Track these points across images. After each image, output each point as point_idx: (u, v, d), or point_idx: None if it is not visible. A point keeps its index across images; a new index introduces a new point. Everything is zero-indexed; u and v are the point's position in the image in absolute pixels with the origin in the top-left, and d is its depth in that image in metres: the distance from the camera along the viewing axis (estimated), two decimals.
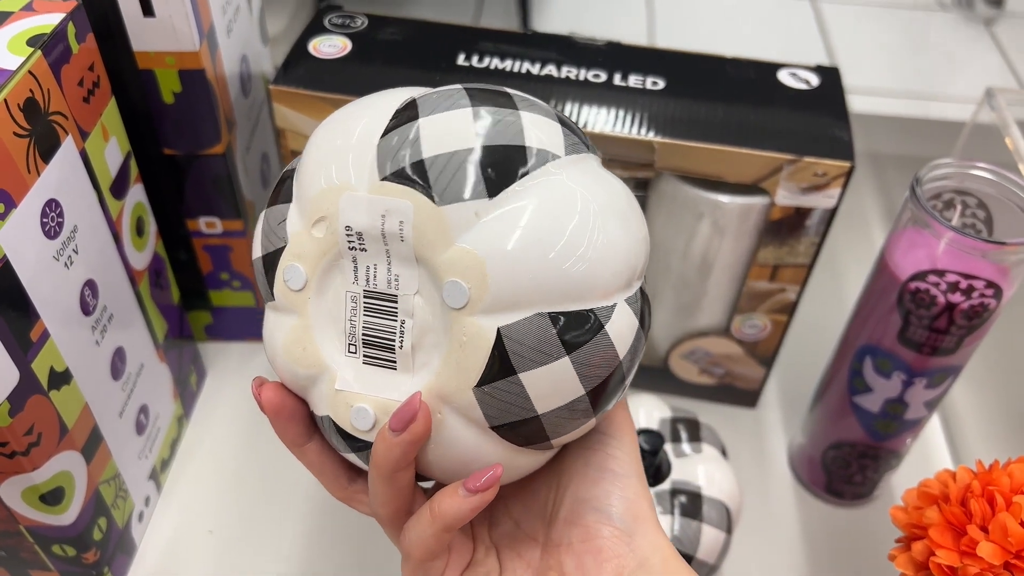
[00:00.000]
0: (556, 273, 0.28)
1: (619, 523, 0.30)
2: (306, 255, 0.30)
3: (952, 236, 0.41)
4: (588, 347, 0.29)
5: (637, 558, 0.30)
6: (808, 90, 0.50)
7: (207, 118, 0.49)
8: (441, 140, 0.29)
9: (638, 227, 0.31)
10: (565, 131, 0.31)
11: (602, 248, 0.29)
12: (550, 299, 0.28)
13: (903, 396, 0.47)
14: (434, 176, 0.28)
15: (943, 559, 0.35)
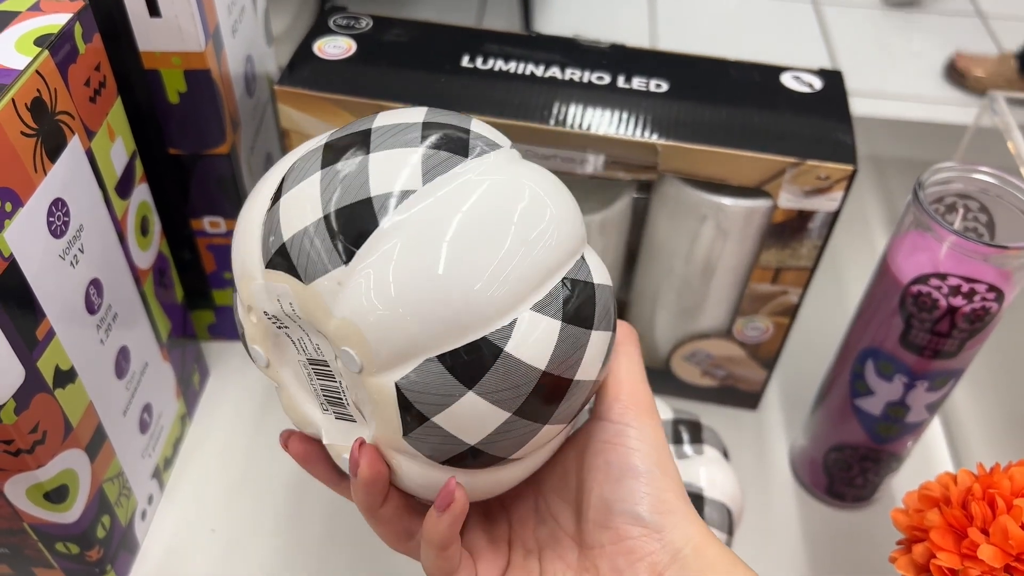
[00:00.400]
0: (430, 317, 0.28)
1: (647, 521, 0.30)
2: (257, 338, 0.33)
3: (954, 240, 0.41)
4: (490, 375, 0.28)
5: (669, 552, 0.30)
6: (811, 93, 0.50)
7: (212, 118, 0.49)
8: (293, 220, 0.29)
9: (531, 224, 0.29)
10: (428, 152, 0.30)
11: (476, 273, 0.28)
12: (434, 342, 0.28)
13: (905, 399, 0.47)
14: (295, 257, 0.29)
15: (944, 561, 0.35)
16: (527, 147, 0.48)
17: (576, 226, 0.31)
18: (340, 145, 0.30)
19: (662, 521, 0.30)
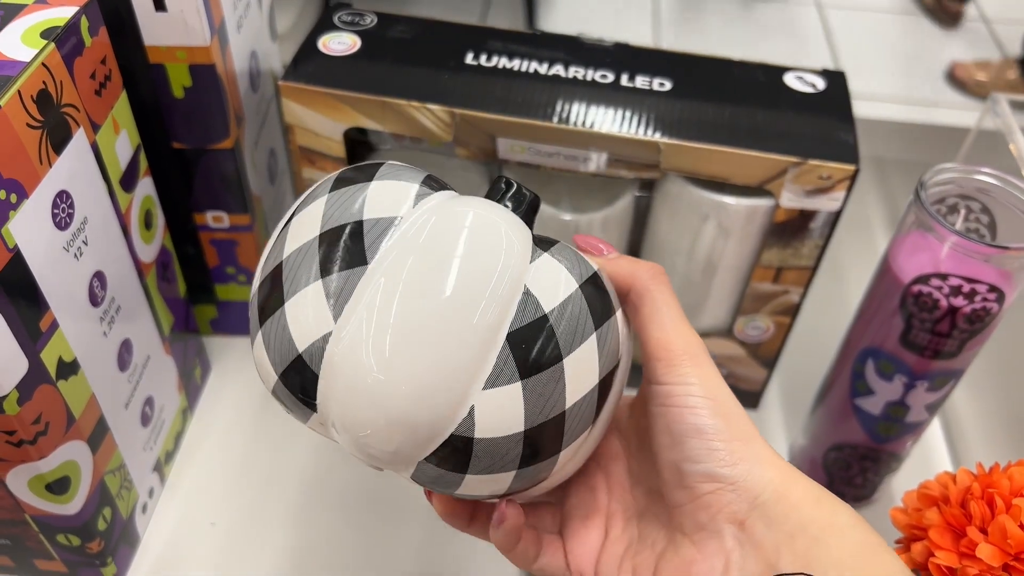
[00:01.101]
0: (399, 435, 0.29)
1: (718, 475, 0.30)
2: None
3: (956, 240, 0.41)
4: (476, 460, 0.29)
5: (747, 500, 0.29)
6: (814, 94, 0.50)
7: (216, 113, 0.50)
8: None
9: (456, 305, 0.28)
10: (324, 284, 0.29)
11: (418, 384, 0.28)
12: (417, 450, 0.29)
13: (905, 399, 0.48)
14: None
15: (942, 560, 0.35)
16: (530, 144, 0.48)
17: (508, 264, 0.29)
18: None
19: (733, 473, 0.29)
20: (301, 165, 0.52)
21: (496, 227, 0.30)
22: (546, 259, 0.30)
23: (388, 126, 0.49)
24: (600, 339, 0.30)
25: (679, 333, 0.31)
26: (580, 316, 0.29)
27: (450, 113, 0.48)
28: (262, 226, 0.59)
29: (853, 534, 0.29)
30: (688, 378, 0.30)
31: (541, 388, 0.28)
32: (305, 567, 0.51)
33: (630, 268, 0.33)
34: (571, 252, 0.31)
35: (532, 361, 0.28)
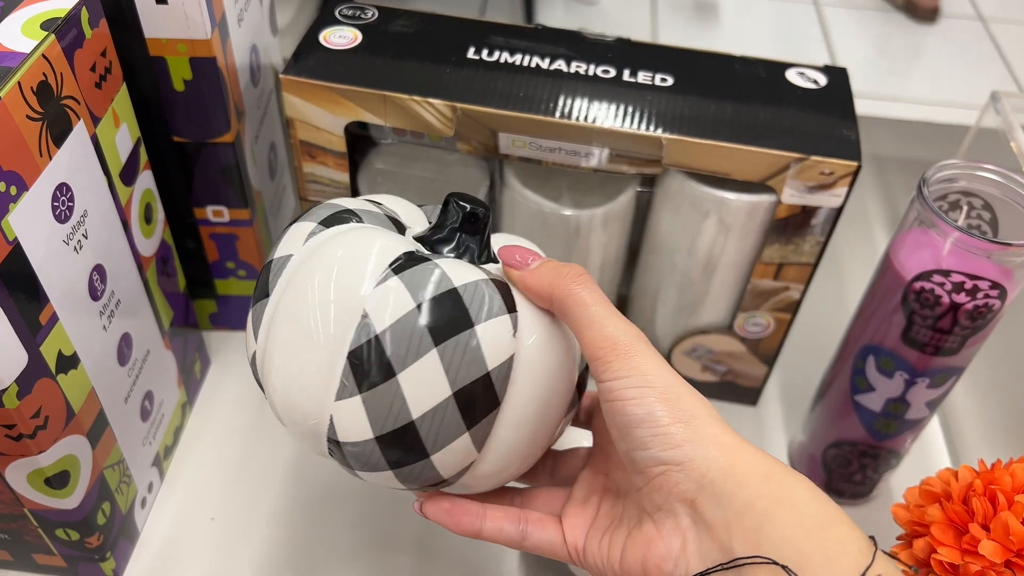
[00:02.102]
0: (301, 441, 0.36)
1: (663, 459, 0.30)
2: None
3: (958, 236, 0.41)
4: (351, 461, 0.34)
5: (694, 480, 0.30)
6: (816, 89, 0.50)
7: (217, 106, 0.49)
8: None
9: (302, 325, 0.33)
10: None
11: (294, 397, 0.34)
12: (319, 449, 0.35)
13: (905, 396, 0.48)
14: None
15: (945, 556, 0.35)
16: (532, 139, 0.48)
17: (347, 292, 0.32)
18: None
19: (676, 455, 0.30)
20: (302, 159, 0.52)
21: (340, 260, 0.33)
22: (392, 283, 0.32)
23: (389, 120, 0.49)
24: (446, 353, 0.31)
25: (609, 329, 0.31)
26: (414, 335, 0.31)
27: (452, 108, 0.47)
28: (262, 221, 0.59)
29: (805, 508, 0.29)
30: (622, 372, 0.31)
31: (379, 401, 0.32)
32: (304, 561, 0.51)
33: (550, 276, 0.33)
34: (426, 272, 0.33)
35: (367, 377, 0.32)
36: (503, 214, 0.55)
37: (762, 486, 0.29)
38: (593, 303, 0.32)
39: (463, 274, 0.33)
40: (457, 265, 0.33)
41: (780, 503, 0.29)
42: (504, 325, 0.32)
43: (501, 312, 0.33)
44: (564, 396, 0.35)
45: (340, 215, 0.36)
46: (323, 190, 0.54)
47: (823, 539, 0.28)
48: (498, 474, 0.35)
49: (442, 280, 0.32)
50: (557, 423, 0.36)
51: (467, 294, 0.32)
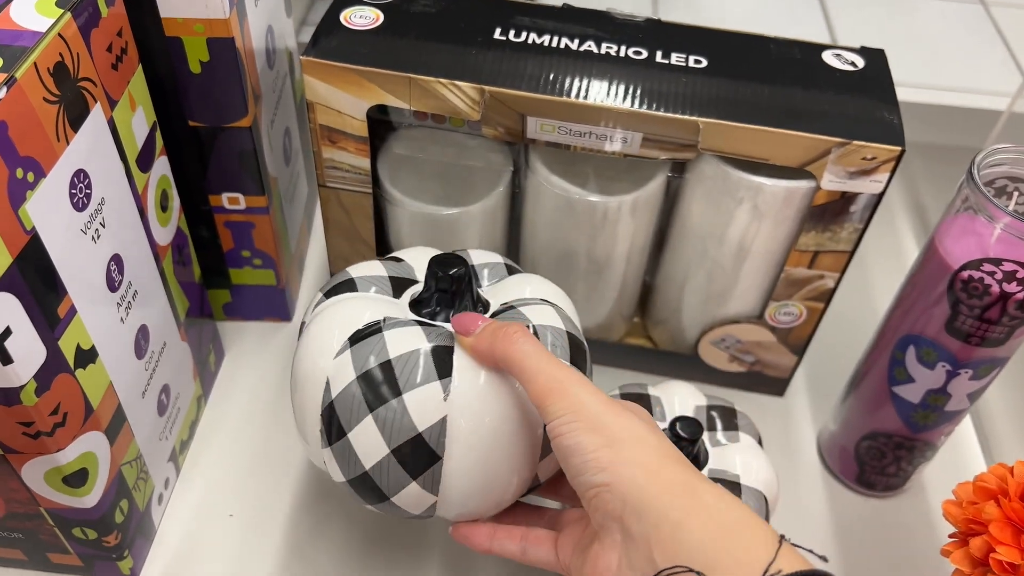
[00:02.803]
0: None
1: (593, 483, 0.33)
2: None
3: (1009, 221, 0.40)
4: (351, 497, 0.40)
5: (619, 498, 0.33)
6: (854, 71, 0.48)
7: (234, 90, 0.48)
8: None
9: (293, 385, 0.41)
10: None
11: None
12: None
13: (946, 387, 0.46)
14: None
15: (1004, 556, 0.34)
16: (561, 123, 0.46)
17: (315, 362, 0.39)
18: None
19: (603, 477, 0.33)
20: (322, 145, 0.50)
21: (317, 333, 0.39)
22: (344, 356, 0.38)
23: (414, 104, 0.47)
24: (379, 418, 0.36)
25: (544, 376, 0.34)
26: (354, 402, 0.37)
27: (480, 91, 0.46)
28: (279, 208, 0.57)
29: (716, 515, 0.31)
30: (557, 412, 0.34)
31: (340, 453, 0.38)
32: (324, 554, 0.50)
33: (491, 339, 0.36)
34: (370, 345, 0.37)
35: (330, 434, 0.38)
36: (527, 201, 0.54)
37: (676, 499, 0.32)
38: (528, 356, 0.35)
39: (405, 343, 0.37)
40: (405, 334, 0.38)
41: (692, 513, 0.31)
42: (433, 391, 0.37)
43: (430, 379, 0.37)
44: (519, 445, 0.38)
45: (339, 286, 0.42)
46: (343, 176, 0.52)
47: (732, 542, 0.31)
48: (467, 512, 0.40)
49: (380, 352, 0.37)
50: (518, 468, 0.38)
51: (399, 364, 0.37)
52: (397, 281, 0.43)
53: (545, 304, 0.42)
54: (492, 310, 0.42)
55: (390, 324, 0.38)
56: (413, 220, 0.54)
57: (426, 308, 0.40)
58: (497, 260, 0.46)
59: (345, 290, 0.42)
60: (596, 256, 0.54)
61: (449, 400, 0.37)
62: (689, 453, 0.44)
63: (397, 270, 0.44)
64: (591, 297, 0.57)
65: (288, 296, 0.61)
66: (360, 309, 0.39)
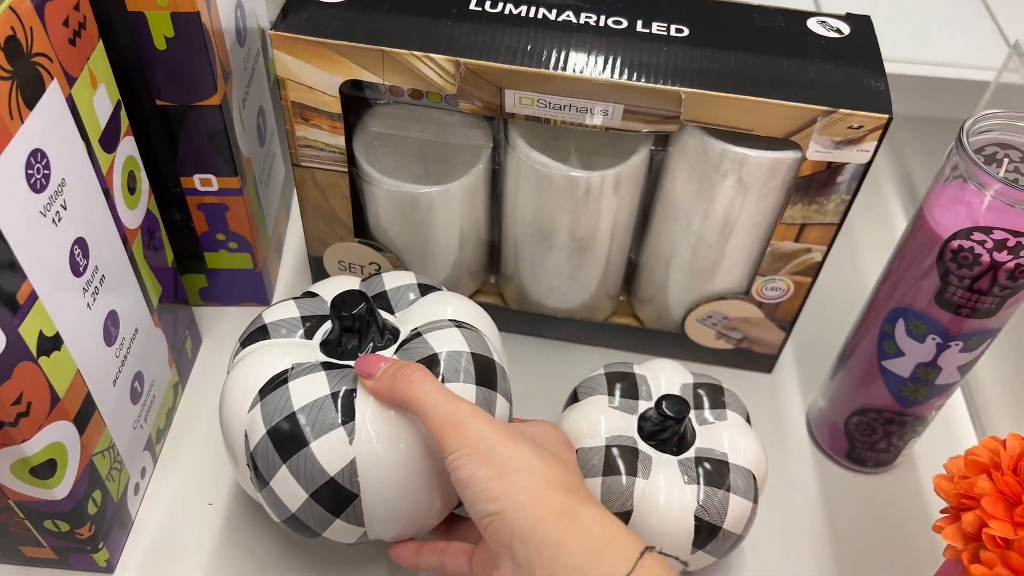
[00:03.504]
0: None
1: (485, 511, 0.35)
2: None
3: (999, 188, 0.39)
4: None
5: (509, 527, 0.34)
6: (840, 39, 0.47)
7: (202, 66, 0.46)
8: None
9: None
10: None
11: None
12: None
13: (936, 360, 0.45)
14: None
15: (997, 530, 0.33)
16: (540, 96, 0.45)
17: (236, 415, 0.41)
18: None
19: (494, 507, 0.34)
20: (295, 123, 0.49)
21: (233, 388, 0.41)
22: (256, 411, 0.40)
23: (388, 78, 0.45)
24: (293, 467, 0.38)
25: (441, 414, 0.36)
26: (268, 455, 0.39)
27: (455, 63, 0.44)
28: (253, 189, 0.56)
29: (591, 534, 0.33)
30: (452, 447, 0.35)
31: (268, 497, 0.40)
32: (303, 546, 0.49)
33: (388, 383, 0.38)
34: (276, 398, 0.39)
35: (257, 481, 0.40)
36: (508, 178, 0.52)
37: (557, 523, 0.33)
38: (427, 395, 0.37)
39: (309, 392, 0.39)
40: (309, 382, 0.39)
41: (570, 534, 0.33)
42: (338, 437, 0.38)
43: (335, 426, 0.38)
44: (433, 470, 0.39)
45: (254, 334, 0.44)
46: (317, 155, 0.50)
47: (603, 558, 0.33)
48: (401, 534, 0.42)
49: (285, 405, 0.39)
50: (438, 489, 0.40)
51: (304, 414, 0.38)
52: (310, 320, 0.44)
53: (452, 327, 0.42)
54: (402, 338, 0.43)
55: (296, 373, 0.40)
56: (391, 199, 0.53)
57: (335, 348, 0.42)
58: (410, 281, 0.47)
59: (259, 337, 0.43)
60: (579, 233, 0.53)
61: (355, 443, 0.38)
62: (675, 432, 0.43)
63: (311, 307, 0.45)
64: (576, 276, 0.56)
65: (266, 280, 0.60)
66: (270, 360, 0.41)
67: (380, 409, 0.39)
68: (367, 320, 0.41)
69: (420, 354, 0.41)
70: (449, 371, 0.40)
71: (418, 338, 0.42)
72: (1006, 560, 0.32)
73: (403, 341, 0.42)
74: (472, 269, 0.59)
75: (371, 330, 0.42)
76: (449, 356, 0.41)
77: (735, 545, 0.44)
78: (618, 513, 0.42)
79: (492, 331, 0.46)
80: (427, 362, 0.40)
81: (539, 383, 0.56)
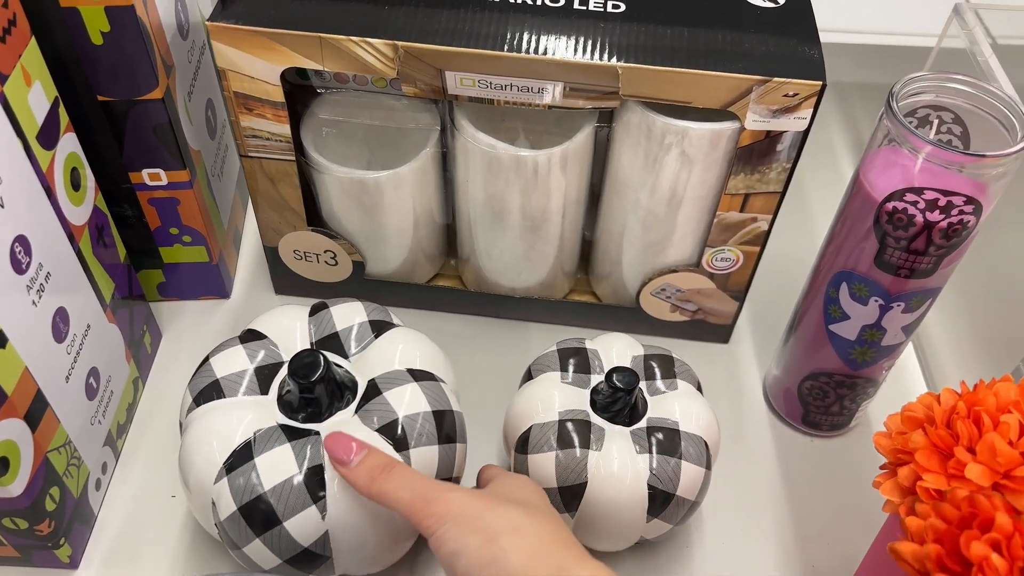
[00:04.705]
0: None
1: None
2: None
3: (930, 150, 0.39)
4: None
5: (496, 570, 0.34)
6: (774, 8, 0.48)
7: (141, 60, 0.46)
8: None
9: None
10: None
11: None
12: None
13: (880, 321, 0.46)
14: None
15: (930, 483, 0.34)
16: (481, 76, 0.45)
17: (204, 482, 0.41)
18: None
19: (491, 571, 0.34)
20: (239, 113, 0.49)
21: (196, 452, 0.42)
22: (222, 484, 0.40)
23: (327, 64, 0.46)
24: (267, 541, 0.40)
25: (417, 504, 0.37)
26: (240, 529, 0.40)
27: (393, 47, 0.44)
28: (204, 182, 0.56)
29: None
30: (433, 525, 0.36)
31: (243, 559, 0.41)
32: None
33: (365, 481, 0.38)
34: (243, 476, 0.40)
35: (229, 544, 0.41)
36: (457, 160, 0.53)
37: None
38: (400, 488, 0.37)
39: (278, 471, 0.39)
40: (276, 457, 0.40)
41: None
42: (311, 515, 0.39)
43: (307, 505, 0.39)
44: (399, 523, 0.41)
45: (206, 391, 0.43)
46: (264, 144, 0.51)
47: None
48: (367, 571, 0.44)
49: (255, 486, 0.39)
50: (403, 537, 0.43)
51: (274, 495, 0.39)
52: (262, 371, 0.44)
53: (410, 382, 0.43)
54: (359, 392, 0.43)
55: (260, 446, 0.40)
56: (341, 186, 0.53)
57: (294, 410, 0.42)
58: (361, 319, 0.46)
59: (212, 394, 0.43)
60: (531, 212, 0.53)
61: (328, 518, 0.40)
62: (626, 403, 0.44)
63: (261, 355, 0.44)
64: (530, 255, 0.56)
65: (224, 273, 0.60)
66: (228, 427, 0.41)
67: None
68: (326, 382, 0.41)
69: (380, 420, 0.41)
70: (410, 436, 0.41)
71: (377, 397, 0.42)
72: (939, 511, 0.33)
73: (363, 396, 0.43)
74: (429, 253, 0.60)
75: (330, 387, 0.42)
76: (408, 420, 0.42)
77: (691, 511, 0.45)
78: (573, 485, 0.43)
79: (444, 365, 0.47)
80: (388, 429, 0.41)
81: (499, 363, 0.57)
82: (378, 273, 0.59)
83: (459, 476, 0.45)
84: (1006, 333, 0.55)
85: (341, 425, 0.41)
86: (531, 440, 0.44)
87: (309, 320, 0.46)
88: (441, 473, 0.42)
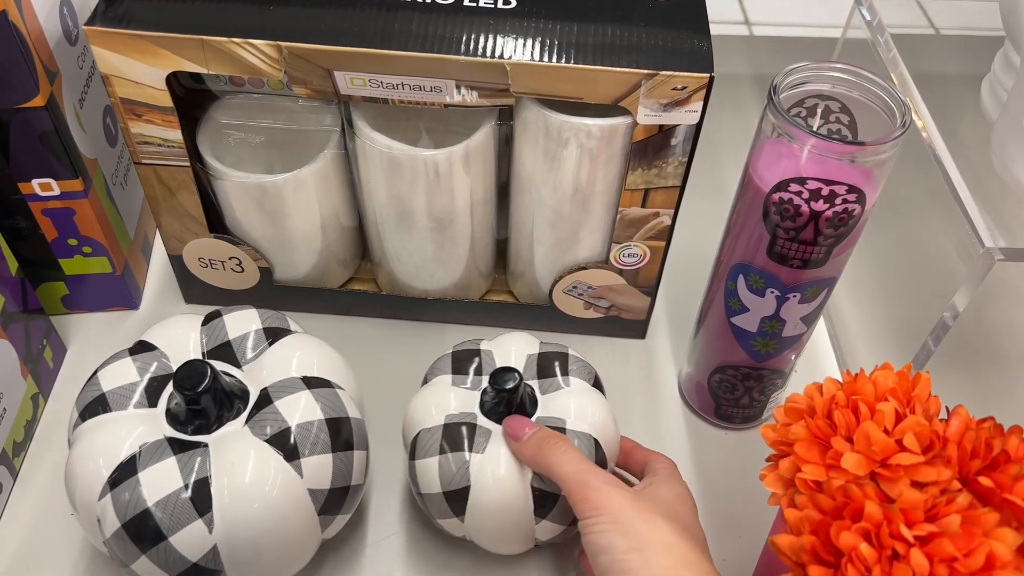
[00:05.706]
0: None
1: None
2: None
3: (814, 142, 0.39)
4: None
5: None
6: (667, 3, 0.47)
7: (18, 67, 0.45)
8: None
9: None
10: None
11: None
12: None
13: (779, 313, 0.46)
14: None
15: (809, 474, 0.34)
16: (371, 76, 0.45)
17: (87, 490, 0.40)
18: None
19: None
20: (127, 119, 0.48)
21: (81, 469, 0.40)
22: (107, 500, 0.39)
23: (211, 67, 0.45)
24: (153, 557, 0.39)
25: (579, 483, 0.39)
26: (126, 545, 0.39)
27: (277, 48, 0.44)
28: (102, 191, 0.54)
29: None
30: (590, 512, 0.38)
31: (131, 572, 0.41)
32: None
33: (534, 449, 0.41)
34: (128, 491, 0.38)
35: (118, 560, 0.40)
36: (358, 161, 0.52)
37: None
38: (565, 463, 0.40)
39: (162, 485, 0.39)
40: (161, 471, 0.39)
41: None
42: (197, 529, 0.38)
43: (192, 519, 0.38)
44: (295, 528, 0.41)
45: (92, 405, 0.42)
46: (157, 151, 0.49)
47: None
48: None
49: (139, 500, 0.38)
50: (300, 543, 0.42)
51: (160, 509, 0.38)
52: (152, 383, 0.43)
53: (302, 390, 0.42)
54: (251, 401, 0.42)
55: (145, 460, 0.39)
56: (240, 191, 0.52)
57: (181, 422, 0.41)
58: (255, 326, 0.45)
59: (99, 408, 0.42)
60: (436, 213, 0.52)
61: (215, 531, 0.39)
62: (512, 403, 0.43)
63: (151, 366, 0.43)
64: (440, 256, 0.56)
65: (131, 283, 0.59)
66: (114, 440, 0.40)
67: (236, 495, 0.39)
68: (213, 392, 0.41)
69: (272, 429, 0.40)
70: (303, 445, 0.40)
71: (268, 406, 0.41)
72: (815, 502, 0.33)
73: (252, 408, 0.42)
74: (341, 257, 0.59)
75: (219, 397, 0.41)
76: (301, 430, 0.41)
77: None
78: (457, 489, 0.42)
79: (345, 371, 0.46)
80: (280, 438, 0.40)
81: (412, 366, 0.56)
82: (288, 279, 0.58)
83: (360, 484, 0.44)
84: (916, 317, 0.55)
85: (231, 436, 0.41)
86: (418, 445, 0.43)
87: (202, 329, 0.45)
88: (337, 481, 0.42)
